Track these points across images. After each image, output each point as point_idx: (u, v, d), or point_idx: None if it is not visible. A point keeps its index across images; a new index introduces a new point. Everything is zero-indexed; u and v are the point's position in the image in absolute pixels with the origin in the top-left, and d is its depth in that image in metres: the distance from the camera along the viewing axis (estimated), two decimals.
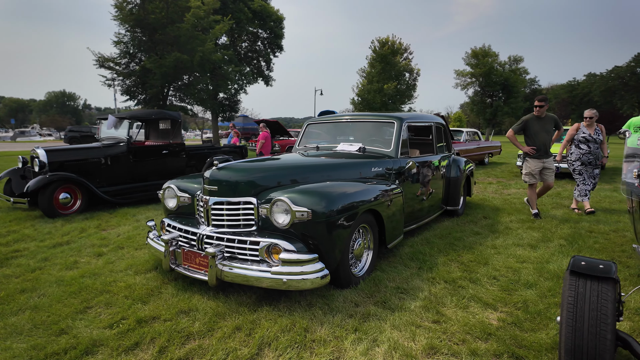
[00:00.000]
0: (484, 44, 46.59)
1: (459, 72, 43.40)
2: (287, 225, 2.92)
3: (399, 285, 3.31)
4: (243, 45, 31.62)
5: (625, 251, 4.25)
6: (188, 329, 2.59)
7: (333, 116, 5.39)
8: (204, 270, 3.08)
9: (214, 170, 3.26)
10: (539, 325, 2.65)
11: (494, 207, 6.84)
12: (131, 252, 4.27)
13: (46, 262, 3.93)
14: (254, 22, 28.77)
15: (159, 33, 18.67)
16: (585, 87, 63.33)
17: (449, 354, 2.32)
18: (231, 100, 29.12)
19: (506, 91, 43.67)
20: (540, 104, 5.72)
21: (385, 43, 32.09)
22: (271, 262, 2.92)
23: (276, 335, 2.50)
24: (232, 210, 3.17)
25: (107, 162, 6.70)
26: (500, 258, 4.05)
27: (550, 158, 5.88)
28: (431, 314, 2.81)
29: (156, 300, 3.02)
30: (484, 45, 43.07)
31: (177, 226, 3.42)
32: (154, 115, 7.44)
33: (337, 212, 2.98)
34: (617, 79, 56.01)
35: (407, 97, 32.58)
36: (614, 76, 56.83)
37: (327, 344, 2.41)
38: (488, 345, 2.40)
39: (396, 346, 2.38)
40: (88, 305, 2.96)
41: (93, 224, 5.53)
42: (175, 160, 7.60)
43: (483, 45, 42.67)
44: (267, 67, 31.54)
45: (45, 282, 3.38)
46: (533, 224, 5.54)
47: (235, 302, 2.98)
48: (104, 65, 19.34)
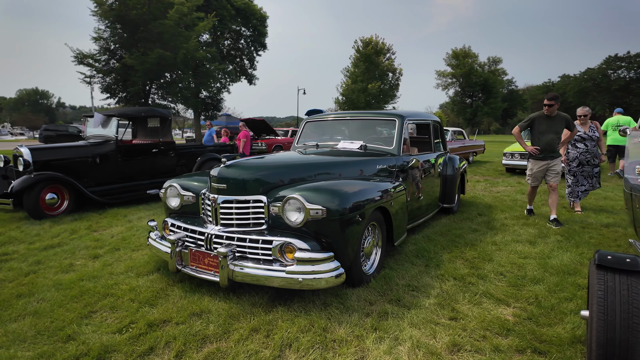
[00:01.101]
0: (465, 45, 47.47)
1: (440, 72, 44.16)
2: (301, 224, 2.87)
3: (409, 283, 3.30)
4: (225, 43, 31.25)
5: (621, 245, 4.37)
6: (203, 332, 2.50)
7: (332, 114, 5.35)
8: (214, 270, 2.99)
9: (222, 168, 3.17)
10: (554, 320, 2.68)
11: (486, 204, 6.94)
12: (128, 254, 4.12)
13: (40, 266, 3.75)
14: (237, 19, 28.46)
15: (141, 29, 18.21)
16: (560, 88, 65.22)
17: (472, 351, 2.31)
18: (214, 99, 28.73)
19: (486, 92, 44.66)
20: (549, 103, 5.26)
21: (368, 43, 32.28)
22: (284, 261, 2.86)
23: (296, 336, 2.45)
24: (241, 209, 3.09)
25: (95, 161, 6.46)
26: (502, 254, 4.10)
27: (556, 160, 5.44)
28: (447, 311, 2.81)
29: (164, 303, 2.92)
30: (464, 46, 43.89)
31: (183, 226, 3.31)
32: (143, 113, 7.23)
33: (350, 209, 2.94)
34: (590, 81, 57.98)
35: (390, 97, 32.86)
36: (587, 78, 58.82)
37: (349, 344, 2.37)
38: (509, 341, 2.40)
39: (419, 344, 2.36)
40: (92, 310, 2.83)
41: (83, 225, 5.32)
42: (165, 160, 7.40)
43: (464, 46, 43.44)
44: (251, 65, 31.27)
45: (42, 286, 3.22)
46: (527, 220, 5.63)
47: (248, 302, 2.90)
48: (82, 62, 18.73)
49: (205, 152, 8.13)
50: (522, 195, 7.81)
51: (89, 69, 19.30)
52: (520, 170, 11.51)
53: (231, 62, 30.57)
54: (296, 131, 20.08)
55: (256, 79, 31.32)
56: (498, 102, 44.61)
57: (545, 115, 5.37)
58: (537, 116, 5.49)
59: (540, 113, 5.45)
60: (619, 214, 5.94)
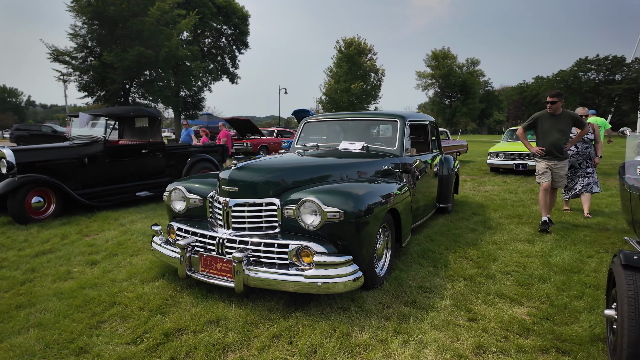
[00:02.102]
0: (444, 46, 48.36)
1: (420, 73, 44.85)
2: (317, 227, 2.82)
3: (421, 285, 3.30)
4: (206, 41, 30.76)
5: (615, 243, 4.51)
6: (223, 341, 2.43)
7: (331, 114, 5.31)
8: (227, 276, 2.91)
9: (233, 171, 3.09)
10: (569, 318, 2.72)
11: (478, 204, 7.05)
12: (127, 260, 3.97)
13: (34, 274, 3.56)
14: (218, 18, 28.03)
15: (120, 26, 17.68)
16: (534, 89, 67.32)
17: (498, 352, 2.32)
18: (194, 98, 28.23)
19: (464, 92, 45.64)
20: (552, 100, 4.94)
21: (351, 43, 32.40)
22: (301, 265, 2.80)
23: (320, 342, 2.40)
24: (253, 212, 3.02)
25: (82, 162, 6.21)
26: (505, 253, 4.16)
27: (562, 161, 5.09)
28: (464, 312, 2.82)
29: (176, 311, 2.81)
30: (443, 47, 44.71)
31: (191, 230, 3.21)
32: (132, 113, 7.01)
33: (365, 211, 2.91)
34: (562, 82, 60.01)
35: (373, 97, 33.10)
36: (559, 79, 60.92)
37: (376, 349, 2.34)
38: (531, 341, 2.43)
39: (444, 347, 2.36)
40: (100, 320, 2.70)
41: (73, 230, 5.10)
42: (155, 161, 7.19)
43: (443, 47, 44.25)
44: (232, 64, 30.87)
45: (41, 295, 3.06)
46: (521, 219, 5.75)
47: (264, 308, 2.83)
48: (58, 59, 18.03)
49: (195, 153, 7.94)
50: (510, 194, 7.98)
51: (65, 66, 18.61)
52: (504, 169, 11.78)
53: (212, 60, 30.10)
54: (282, 131, 19.96)
55: (238, 78, 30.94)
56: (476, 102, 45.66)
57: (549, 113, 5.04)
58: (540, 115, 5.16)
59: (544, 112, 5.14)
60: (604, 213, 6.13)
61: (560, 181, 5.15)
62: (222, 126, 12.44)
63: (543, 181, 5.13)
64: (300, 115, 15.93)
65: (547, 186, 5.08)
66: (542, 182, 5.13)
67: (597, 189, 5.94)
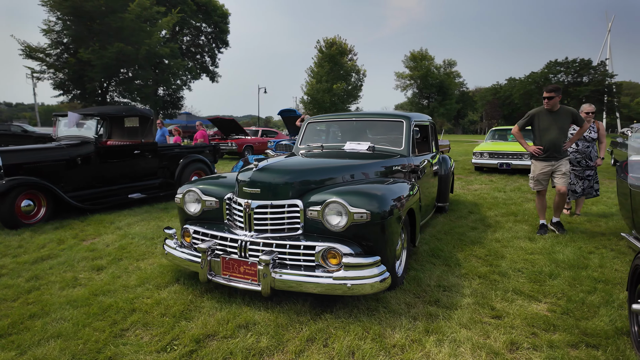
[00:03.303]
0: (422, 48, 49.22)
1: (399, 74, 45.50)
2: (343, 228, 2.81)
3: (439, 284, 3.35)
4: (185, 39, 30.20)
5: (611, 239, 4.69)
6: (257, 346, 2.38)
7: (335, 115, 5.30)
8: (251, 279, 2.86)
9: (255, 172, 3.04)
10: (588, 313, 2.82)
11: (471, 202, 7.21)
12: (134, 264, 3.85)
13: (39, 281, 3.40)
14: (198, 15, 27.56)
15: (97, 22, 17.08)
16: (507, 90, 69.29)
17: (530, 348, 2.38)
18: (173, 97, 27.66)
19: (441, 93, 46.60)
20: (549, 95, 4.65)
21: (332, 43, 32.50)
22: (327, 266, 2.79)
23: (355, 343, 2.39)
24: (276, 214, 2.98)
25: (72, 164, 5.97)
26: (510, 251, 4.27)
27: (562, 160, 4.77)
28: (487, 310, 2.87)
29: (200, 316, 2.75)
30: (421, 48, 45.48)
31: (210, 233, 3.14)
32: (124, 112, 6.79)
33: (389, 212, 2.92)
34: (534, 84, 61.97)
35: (354, 98, 33.32)
36: (531, 81, 62.85)
37: (413, 349, 2.35)
38: (559, 337, 2.50)
39: (478, 345, 2.39)
40: (123, 328, 2.60)
41: (68, 234, 4.90)
42: (148, 161, 6.99)
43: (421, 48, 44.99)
44: (212, 62, 30.44)
45: (53, 304, 2.92)
46: (517, 217, 5.91)
47: (291, 311, 2.80)
48: (31, 55, 17.26)
49: (188, 153, 7.77)
50: (499, 193, 8.19)
51: (38, 63, 17.83)
52: (487, 168, 12.08)
53: (190, 59, 29.57)
54: (267, 131, 19.79)
55: (219, 76, 30.53)
56: (453, 103, 46.71)
57: (546, 110, 4.76)
58: (537, 112, 4.88)
59: (541, 108, 4.86)
60: (593, 211, 6.37)
61: (563, 178, 4.74)
62: (200, 125, 12.23)
63: (536, 189, 4.98)
64: (286, 115, 15.89)
65: (542, 193, 4.96)
66: (536, 190, 4.99)
67: (596, 193, 5.74)
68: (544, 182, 4.92)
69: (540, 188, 4.94)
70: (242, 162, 9.66)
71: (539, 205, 5.06)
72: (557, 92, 4.66)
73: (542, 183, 4.91)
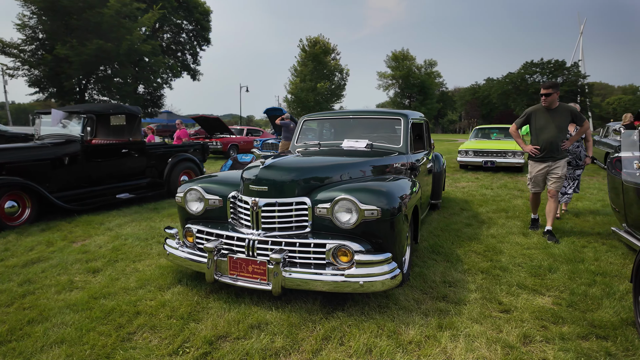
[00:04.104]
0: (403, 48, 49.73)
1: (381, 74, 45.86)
2: (354, 225, 2.79)
3: (444, 279, 3.37)
4: (165, 36, 29.59)
5: (600, 233, 4.83)
6: (273, 346, 2.34)
7: (332, 112, 5.28)
8: (260, 278, 2.81)
9: (262, 170, 2.98)
10: (592, 305, 2.88)
11: (461, 199, 7.31)
12: (131, 266, 3.72)
13: (33, 285, 3.25)
14: (178, 12, 27.04)
15: (74, 18, 16.52)
16: (485, 90, 70.93)
17: (543, 341, 2.41)
18: (153, 95, 27.09)
19: (423, 93, 47.22)
20: (546, 92, 4.43)
21: (316, 42, 32.46)
22: (338, 264, 2.76)
23: (372, 341, 2.38)
24: (284, 212, 2.94)
25: (57, 163, 5.75)
26: (507, 246, 4.34)
27: (560, 161, 4.56)
28: (495, 305, 2.91)
29: (209, 317, 2.68)
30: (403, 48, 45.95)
31: (215, 232, 3.06)
32: (111, 110, 6.58)
33: (398, 208, 2.92)
34: (511, 84, 63.66)
35: (337, 97, 33.38)
36: (508, 81, 64.52)
37: (430, 345, 2.35)
38: (568, 329, 2.54)
39: (493, 339, 2.41)
40: (129, 332, 2.51)
41: (57, 236, 4.71)
42: (135, 161, 6.81)
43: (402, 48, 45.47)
44: (194, 60, 29.93)
45: (52, 308, 2.79)
46: (508, 213, 6.02)
47: (302, 310, 2.76)
48: (4, 51, 16.54)
49: (177, 152, 7.60)
50: (487, 190, 8.34)
51: (11, 59, 17.12)
52: (472, 166, 12.30)
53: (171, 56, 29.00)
54: (252, 130, 19.59)
55: (200, 75, 30.03)
56: (434, 103, 47.43)
57: (544, 107, 4.56)
58: (534, 110, 4.68)
59: (538, 106, 4.64)
60: (577, 207, 6.55)
61: (557, 182, 4.58)
62: (180, 124, 12.01)
63: (533, 190, 4.83)
64: (272, 114, 15.77)
65: (537, 193, 4.83)
66: (532, 190, 4.84)
67: (576, 190, 5.81)
68: (542, 184, 4.72)
69: (538, 190, 4.78)
70: (231, 162, 9.54)
71: (532, 202, 5.01)
72: (554, 88, 4.44)
73: (539, 184, 4.73)
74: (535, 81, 62.72)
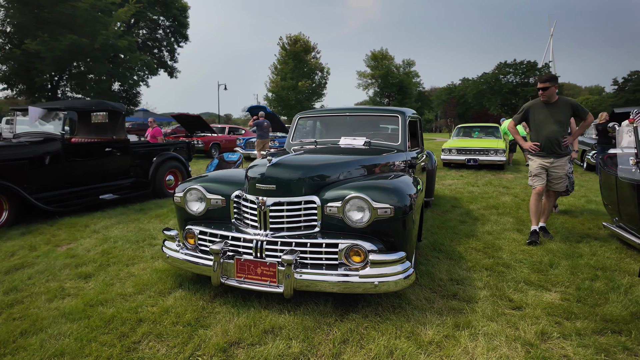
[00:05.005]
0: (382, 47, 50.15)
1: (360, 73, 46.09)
2: (366, 224, 2.71)
3: (451, 277, 3.35)
4: (141, 32, 28.74)
5: (591, 229, 4.94)
6: (290, 351, 2.24)
7: (328, 110, 5.19)
8: (269, 280, 2.70)
9: (269, 168, 2.87)
10: (600, 300, 2.91)
11: (450, 197, 7.37)
12: (125, 270, 3.54)
13: (20, 293, 3.02)
14: (155, 8, 26.29)
15: (45, 11, 15.77)
16: (461, 90, 72.29)
17: (560, 337, 2.41)
18: (129, 93, 26.29)
19: (402, 92, 47.73)
20: (544, 85, 4.19)
21: (296, 40, 32.25)
22: (350, 264, 2.69)
23: (392, 343, 2.31)
24: (292, 211, 2.83)
25: (37, 162, 5.43)
26: (505, 243, 4.37)
27: (561, 158, 4.32)
28: (506, 302, 2.90)
29: (218, 323, 2.55)
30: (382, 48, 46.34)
31: (219, 233, 2.93)
32: (94, 107, 6.27)
33: (410, 206, 2.86)
34: (485, 84, 65.12)
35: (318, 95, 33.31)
36: (483, 81, 65.98)
37: (450, 345, 2.31)
38: (582, 324, 2.55)
39: (512, 337, 2.39)
40: (134, 341, 2.35)
41: (39, 240, 4.44)
42: (119, 160, 6.52)
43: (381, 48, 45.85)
44: (171, 57, 29.21)
45: (45, 318, 2.60)
46: (498, 210, 6.10)
47: (315, 312, 2.67)
48: None
49: (162, 151, 7.34)
50: (474, 187, 8.44)
51: None
52: (455, 164, 12.46)
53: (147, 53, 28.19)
54: (234, 129, 19.25)
55: (178, 72, 29.35)
56: (412, 102, 47.99)
57: (542, 102, 4.33)
58: (532, 104, 4.45)
59: (537, 100, 4.43)
60: (566, 202, 6.71)
61: (560, 182, 4.38)
62: (153, 122, 11.69)
63: (536, 184, 4.41)
64: (255, 112, 15.51)
65: (540, 190, 4.39)
66: (535, 186, 4.42)
67: (571, 188, 5.72)
68: (543, 176, 4.39)
69: (541, 183, 4.37)
70: (217, 161, 9.32)
71: (533, 208, 4.44)
72: (552, 81, 4.20)
73: (542, 177, 4.39)
74: (509, 81, 64.48)
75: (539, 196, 4.43)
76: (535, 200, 4.43)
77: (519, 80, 64.45)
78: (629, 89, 60.76)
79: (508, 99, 62.89)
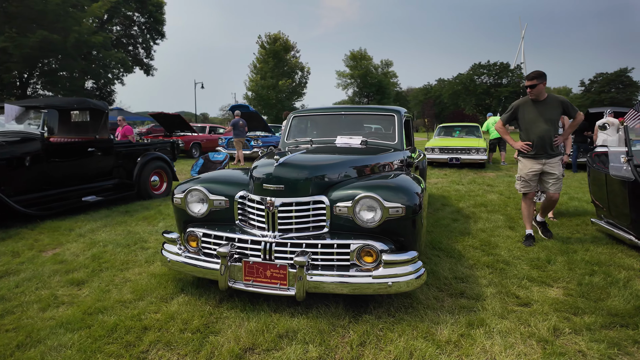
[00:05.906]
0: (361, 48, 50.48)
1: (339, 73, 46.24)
2: (377, 224, 2.68)
3: (455, 276, 3.36)
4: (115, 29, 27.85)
5: (579, 225, 5.08)
6: (307, 356, 2.18)
7: (323, 109, 5.13)
8: (279, 283, 2.63)
9: (277, 167, 2.79)
10: (602, 294, 2.98)
11: (438, 195, 7.46)
12: (120, 275, 3.38)
13: (10, 303, 2.83)
14: (130, 4, 25.52)
15: (13, 5, 15.04)
16: (437, 91, 73.67)
17: (572, 332, 2.44)
18: (103, 91, 25.44)
19: (380, 92, 48.19)
20: (531, 83, 4.05)
21: (276, 39, 32.01)
22: (362, 265, 2.65)
23: (410, 344, 2.28)
24: (301, 212, 2.77)
25: (14, 163, 5.14)
26: (500, 240, 4.43)
27: (555, 159, 4.18)
28: (513, 299, 2.93)
29: (228, 329, 2.46)
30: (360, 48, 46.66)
31: (225, 235, 2.83)
32: (75, 104, 5.99)
33: (419, 205, 2.85)
34: (461, 85, 66.54)
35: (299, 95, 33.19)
36: (458, 82, 67.42)
37: (468, 344, 2.30)
38: (590, 319, 2.60)
39: (526, 333, 2.41)
40: (142, 350, 2.24)
41: (22, 245, 4.20)
42: (102, 160, 6.26)
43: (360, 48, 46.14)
44: (147, 54, 28.44)
45: (41, 329, 2.43)
46: (487, 208, 6.20)
47: (328, 315, 2.61)
48: None
49: (146, 151, 7.09)
50: (459, 186, 8.57)
51: None
52: (437, 163, 12.63)
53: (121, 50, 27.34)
54: (214, 128, 18.92)
55: (154, 70, 28.61)
56: (390, 102, 48.56)
57: (531, 100, 4.19)
58: (521, 103, 4.30)
59: (526, 98, 4.28)
60: None
61: (556, 184, 4.20)
62: (122, 121, 11.36)
63: (524, 190, 4.30)
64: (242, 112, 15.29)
65: (530, 196, 4.34)
66: (523, 192, 4.33)
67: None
68: (533, 183, 4.25)
69: (528, 190, 4.27)
70: (203, 161, 9.12)
71: (525, 212, 4.37)
72: (539, 78, 4.04)
73: (531, 184, 4.25)
74: (483, 82, 66.17)
75: (530, 201, 4.37)
76: (527, 205, 4.37)
77: (493, 81, 66.24)
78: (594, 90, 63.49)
79: (482, 99, 64.48)
